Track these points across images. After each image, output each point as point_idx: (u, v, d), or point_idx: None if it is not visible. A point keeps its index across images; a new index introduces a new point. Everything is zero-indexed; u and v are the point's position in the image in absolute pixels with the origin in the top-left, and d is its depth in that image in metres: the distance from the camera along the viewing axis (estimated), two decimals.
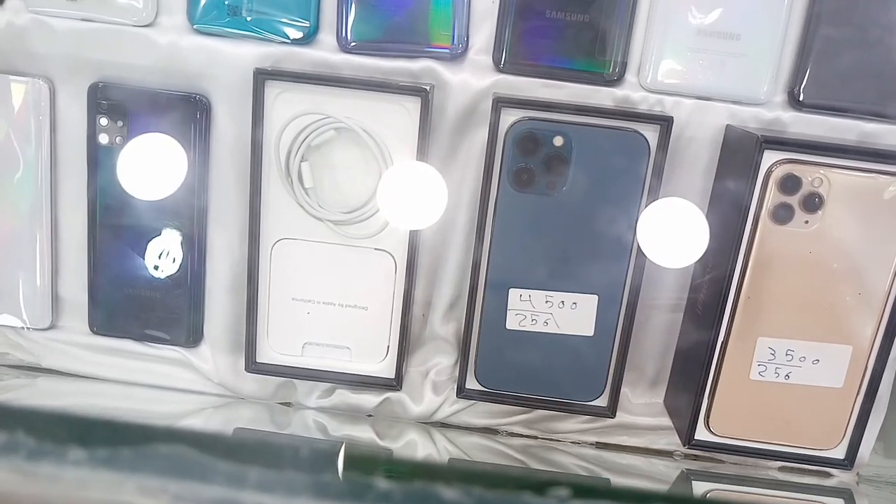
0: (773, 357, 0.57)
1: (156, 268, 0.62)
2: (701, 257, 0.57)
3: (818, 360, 0.57)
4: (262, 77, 0.57)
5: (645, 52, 0.58)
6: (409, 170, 0.57)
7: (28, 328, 0.64)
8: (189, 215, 0.61)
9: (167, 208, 0.61)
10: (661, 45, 0.57)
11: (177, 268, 0.62)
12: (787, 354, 0.57)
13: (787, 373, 0.57)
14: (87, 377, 0.65)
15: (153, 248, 0.62)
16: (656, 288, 0.62)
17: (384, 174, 0.57)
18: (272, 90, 0.57)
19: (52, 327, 0.65)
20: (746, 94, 0.58)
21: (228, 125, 0.60)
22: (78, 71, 0.60)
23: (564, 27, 0.57)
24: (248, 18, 0.58)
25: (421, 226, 0.58)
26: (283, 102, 0.57)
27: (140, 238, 0.62)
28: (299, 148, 0.58)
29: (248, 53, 0.58)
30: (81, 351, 0.65)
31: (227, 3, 0.58)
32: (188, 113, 0.59)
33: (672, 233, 0.55)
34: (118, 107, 0.59)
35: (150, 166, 0.58)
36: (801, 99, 0.58)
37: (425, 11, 0.58)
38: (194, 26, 0.59)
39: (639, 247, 0.56)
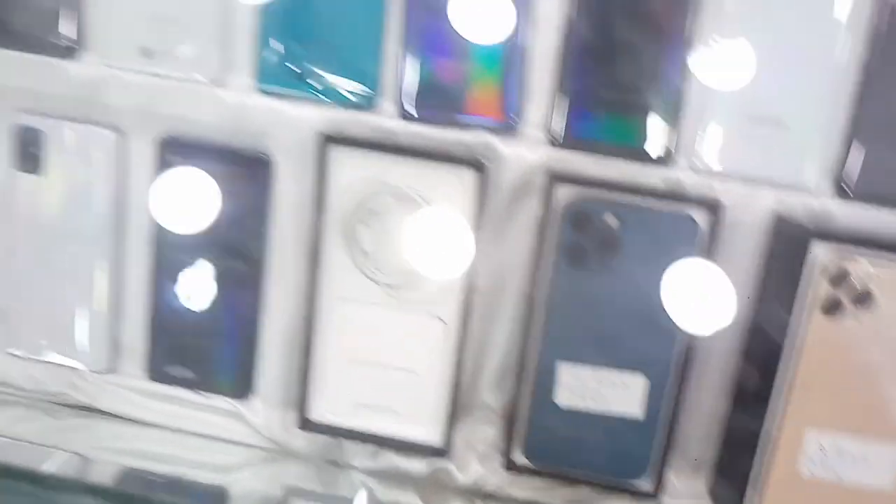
0: (822, 454, 0.56)
1: (187, 298, 0.63)
2: (747, 346, 0.57)
3: (867, 459, 0.56)
4: (325, 141, 0.58)
5: (695, 134, 0.58)
6: (435, 216, 0.57)
7: (87, 370, 0.66)
8: (248, 270, 0.62)
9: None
10: (710, 128, 0.57)
11: (209, 302, 0.63)
12: (836, 451, 0.56)
13: (836, 470, 0.56)
14: (140, 422, 0.66)
15: (184, 278, 0.63)
16: (703, 371, 0.61)
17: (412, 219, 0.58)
18: (334, 154, 0.58)
19: (109, 371, 0.66)
20: (794, 181, 0.57)
21: (290, 184, 0.61)
22: (148, 124, 0.62)
23: (616, 106, 0.58)
24: (312, 83, 0.59)
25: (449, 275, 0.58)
26: (345, 166, 0.58)
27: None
28: (358, 211, 0.59)
29: (310, 116, 0.60)
30: (136, 396, 0.66)
31: (292, 67, 0.59)
32: (251, 169, 0.61)
33: (696, 297, 0.55)
34: (185, 159, 0.61)
35: (182, 199, 0.60)
36: (849, 188, 0.57)
37: (481, 84, 0.58)
38: (260, 87, 0.60)
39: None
